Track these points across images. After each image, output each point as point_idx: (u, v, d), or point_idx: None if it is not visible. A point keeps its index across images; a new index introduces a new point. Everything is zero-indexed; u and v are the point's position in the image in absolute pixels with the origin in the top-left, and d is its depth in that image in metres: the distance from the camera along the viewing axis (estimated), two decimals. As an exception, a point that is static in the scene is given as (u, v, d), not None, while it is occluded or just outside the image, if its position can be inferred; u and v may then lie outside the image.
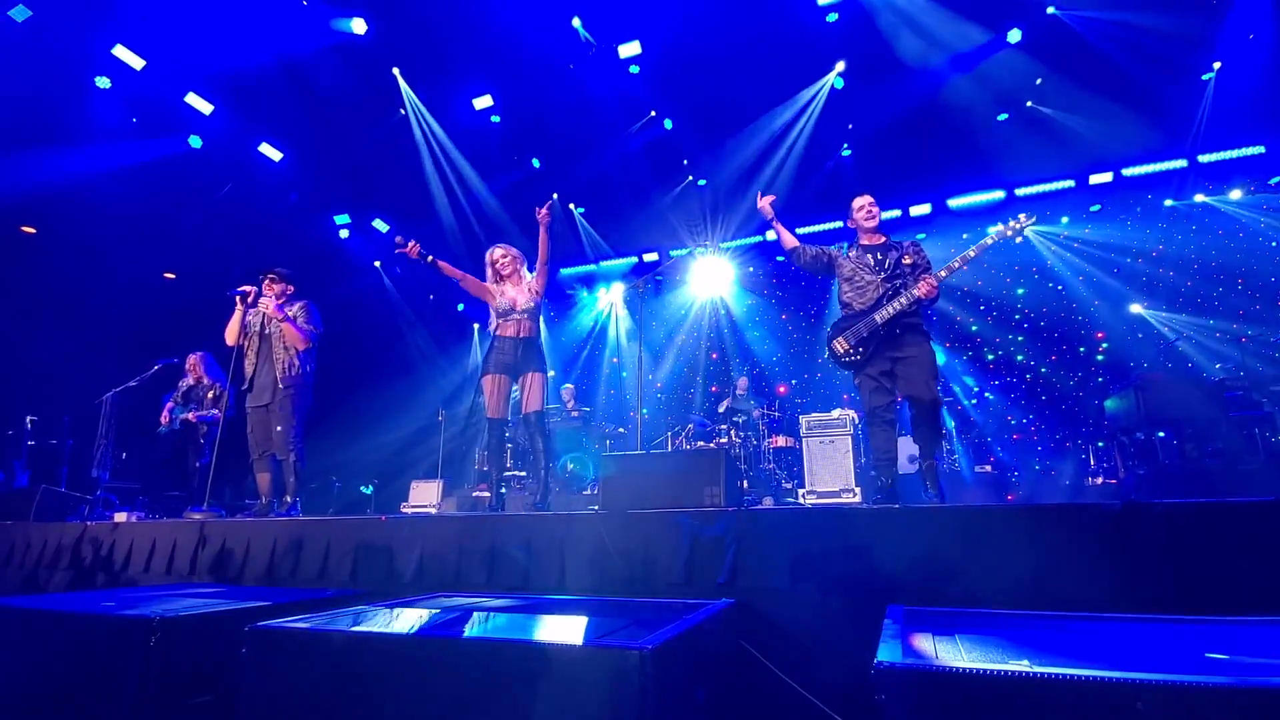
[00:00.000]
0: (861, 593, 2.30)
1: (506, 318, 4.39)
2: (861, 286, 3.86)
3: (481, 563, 2.99)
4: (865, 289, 3.84)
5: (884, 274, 3.82)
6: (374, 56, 7.95)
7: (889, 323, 3.70)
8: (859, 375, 3.84)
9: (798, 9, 7.35)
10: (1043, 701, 1.10)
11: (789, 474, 7.66)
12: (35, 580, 4.24)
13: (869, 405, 3.75)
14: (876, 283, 3.81)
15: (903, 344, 3.70)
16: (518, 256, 4.58)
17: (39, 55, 6.65)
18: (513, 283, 4.47)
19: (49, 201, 7.22)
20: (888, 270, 3.82)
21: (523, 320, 4.37)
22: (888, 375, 3.73)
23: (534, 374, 4.30)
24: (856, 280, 3.90)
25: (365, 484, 9.84)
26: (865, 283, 3.86)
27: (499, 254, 4.55)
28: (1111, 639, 1.57)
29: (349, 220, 10.36)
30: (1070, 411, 9.03)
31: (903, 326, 3.71)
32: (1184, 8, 7.13)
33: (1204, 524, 2.08)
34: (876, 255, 3.90)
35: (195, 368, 6.21)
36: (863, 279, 3.88)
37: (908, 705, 1.19)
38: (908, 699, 1.19)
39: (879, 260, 3.87)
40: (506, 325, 4.37)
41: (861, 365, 3.79)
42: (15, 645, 2.19)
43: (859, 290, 3.87)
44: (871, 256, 3.90)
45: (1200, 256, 8.80)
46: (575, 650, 1.50)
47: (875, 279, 3.83)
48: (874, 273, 3.85)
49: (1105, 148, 8.66)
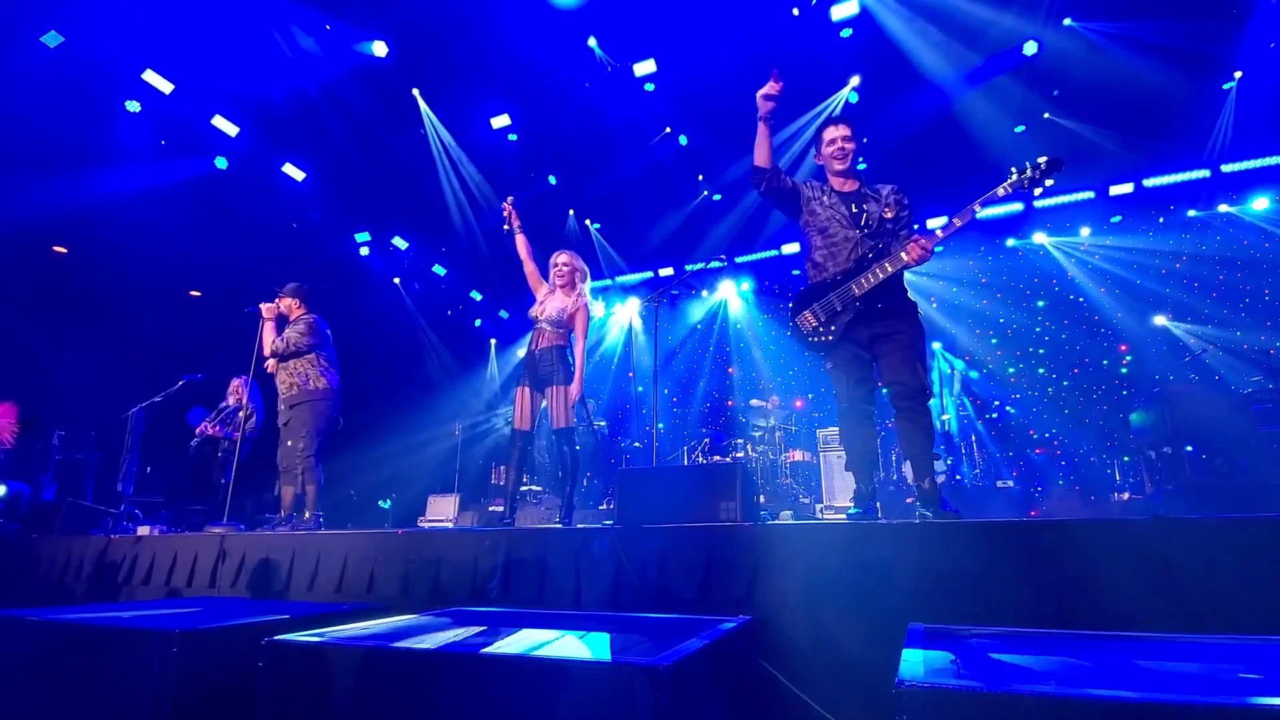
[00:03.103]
0: (881, 610, 2.26)
1: (535, 326, 4.36)
2: (836, 244, 3.13)
3: (497, 578, 2.98)
4: (840, 248, 3.12)
5: (862, 231, 3.10)
6: (395, 78, 8.11)
7: (868, 295, 3.01)
8: (830, 359, 3.17)
9: (811, 25, 7.40)
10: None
11: (806, 489, 7.59)
12: (60, 592, 4.30)
13: (845, 396, 3.10)
14: (855, 239, 3.10)
15: (885, 319, 3.03)
16: (577, 270, 4.42)
17: (71, 80, 6.86)
18: (564, 293, 4.35)
19: (80, 222, 7.41)
20: (868, 227, 3.10)
21: (546, 331, 4.28)
22: (866, 358, 3.09)
23: (559, 387, 4.17)
24: (831, 233, 3.16)
25: (383, 498, 9.90)
26: (841, 239, 3.13)
27: (562, 260, 4.44)
28: (1141, 659, 1.53)
29: (369, 238, 10.53)
30: (1094, 425, 8.86)
31: (884, 298, 3.03)
32: (1202, 18, 7.07)
33: (1236, 539, 2.02)
34: (852, 206, 3.17)
35: (237, 390, 6.31)
36: (838, 233, 3.14)
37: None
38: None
39: (854, 213, 3.14)
40: (535, 334, 4.34)
41: (833, 346, 3.12)
42: (38, 656, 2.22)
43: (833, 248, 3.14)
44: (847, 207, 3.17)
45: (1225, 267, 8.65)
46: (591, 667, 1.49)
47: (853, 234, 3.11)
48: (850, 226, 3.13)
49: (1125, 158, 8.57)
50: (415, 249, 11.02)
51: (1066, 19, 7.33)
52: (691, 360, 11.92)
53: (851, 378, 3.11)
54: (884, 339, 3.02)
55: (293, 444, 4.63)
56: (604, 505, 7.55)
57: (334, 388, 4.83)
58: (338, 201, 9.69)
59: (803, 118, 8.90)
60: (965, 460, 7.38)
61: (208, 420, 6.24)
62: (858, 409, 3.12)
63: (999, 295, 9.76)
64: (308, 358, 4.76)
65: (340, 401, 4.90)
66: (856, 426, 3.14)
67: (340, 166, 9.14)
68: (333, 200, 9.64)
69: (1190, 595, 2.00)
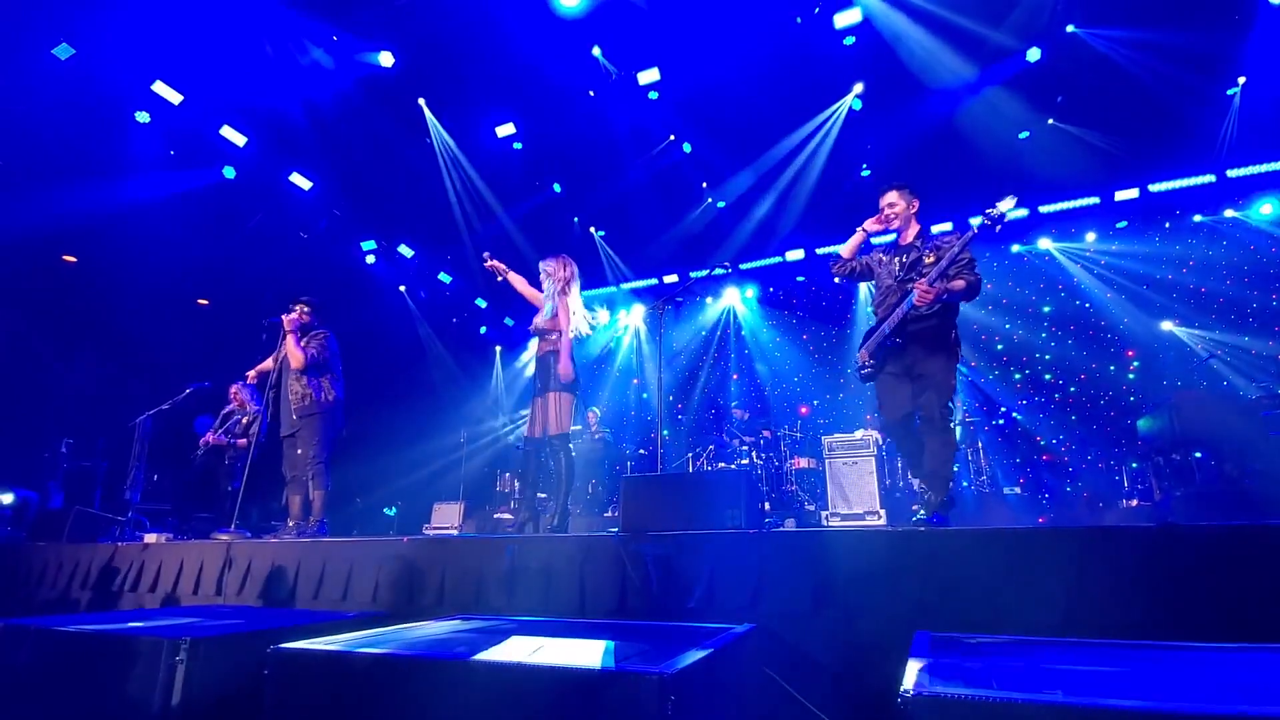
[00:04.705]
0: (887, 618, 2.25)
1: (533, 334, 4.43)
2: (883, 293, 3.67)
3: (502, 585, 2.98)
4: (885, 296, 3.63)
5: (897, 278, 3.57)
6: (400, 87, 8.17)
7: (897, 330, 3.44)
8: (876, 386, 3.68)
9: (815, 33, 7.42)
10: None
11: (811, 496, 7.56)
12: (67, 600, 4.32)
13: (884, 417, 3.58)
14: (894, 287, 3.58)
15: (915, 355, 3.43)
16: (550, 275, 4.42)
17: (82, 91, 6.94)
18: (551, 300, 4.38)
19: (89, 231, 7.48)
20: (902, 273, 3.56)
21: (539, 340, 4.37)
22: (905, 384, 3.48)
23: (550, 394, 4.23)
24: (881, 285, 3.71)
25: (388, 506, 9.91)
26: (884, 289, 3.65)
27: (542, 265, 4.50)
28: (1150, 668, 1.52)
29: (375, 246, 10.58)
30: (1102, 431, 8.81)
31: (912, 335, 3.42)
32: (1205, 24, 7.05)
33: (1247, 547, 2.00)
34: (901, 258, 3.64)
35: (237, 395, 6.35)
36: (885, 284, 3.67)
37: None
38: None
39: (902, 264, 3.61)
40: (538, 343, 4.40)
41: (873, 376, 3.64)
42: (44, 664, 2.23)
43: (881, 296, 3.68)
44: (899, 259, 3.65)
45: (1232, 272, 8.60)
46: (596, 674, 1.48)
47: (893, 283, 3.60)
48: (893, 277, 3.61)
49: (1130, 164, 8.55)
50: (421, 257, 11.07)
51: (1070, 25, 7.33)
52: (697, 367, 11.92)
53: (891, 402, 3.54)
54: (919, 377, 3.43)
55: (303, 452, 4.66)
56: (609, 512, 7.54)
57: (342, 400, 4.93)
58: (344, 210, 9.76)
59: (806, 126, 8.92)
60: (971, 467, 7.34)
61: (211, 430, 6.27)
62: (899, 426, 3.55)
63: (1004, 301, 9.73)
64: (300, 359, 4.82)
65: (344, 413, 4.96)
66: (901, 443, 3.64)
67: (347, 175, 9.20)
68: (339, 209, 9.71)
69: (1200, 603, 1.98)
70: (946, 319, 3.45)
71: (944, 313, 3.42)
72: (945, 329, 3.44)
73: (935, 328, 3.41)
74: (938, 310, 3.37)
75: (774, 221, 10.18)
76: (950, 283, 3.33)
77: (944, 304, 3.38)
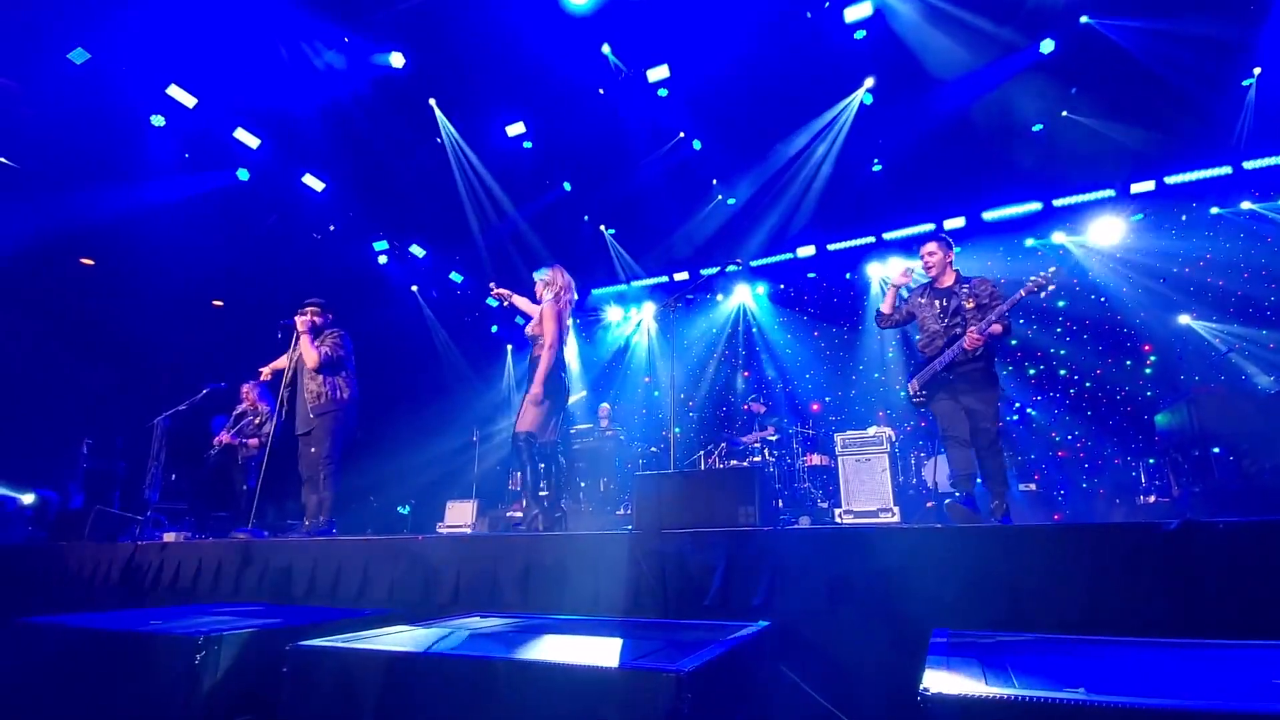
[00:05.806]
0: (904, 616, 2.24)
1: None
2: (930, 335, 4.19)
3: (516, 583, 3.00)
4: (932, 338, 4.17)
5: (944, 322, 4.12)
6: (411, 88, 8.21)
7: (948, 368, 4.03)
8: (931, 411, 4.27)
9: (825, 27, 7.38)
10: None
11: (825, 493, 7.53)
12: (88, 598, 4.38)
13: (948, 434, 4.08)
14: (940, 331, 4.13)
15: (966, 389, 4.01)
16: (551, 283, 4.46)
17: (98, 96, 7.02)
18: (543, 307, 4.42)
19: (106, 234, 7.58)
20: (953, 317, 4.10)
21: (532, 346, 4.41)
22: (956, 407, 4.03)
23: (524, 395, 4.26)
24: (925, 328, 4.24)
25: (402, 504, 9.97)
26: (931, 332, 4.19)
27: (537, 275, 4.54)
28: (1170, 665, 1.50)
29: (387, 246, 10.64)
30: (1118, 427, 8.71)
31: (962, 373, 4.01)
32: (1220, 15, 6.95)
33: (1268, 542, 1.98)
34: (940, 301, 4.18)
35: (248, 395, 6.41)
36: (929, 328, 4.21)
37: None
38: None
39: (942, 308, 4.15)
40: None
41: (926, 403, 4.25)
42: (68, 662, 2.27)
43: (928, 338, 4.20)
44: (938, 302, 4.18)
45: (1250, 265, 8.46)
46: (612, 672, 1.49)
47: (939, 328, 4.14)
48: (937, 321, 4.16)
49: (1146, 156, 8.43)
50: (432, 256, 11.13)
51: (1084, 16, 7.24)
52: (708, 364, 11.89)
53: (951, 423, 4.06)
54: (972, 411, 3.99)
55: (315, 450, 4.69)
56: (621, 510, 7.55)
57: (356, 398, 4.95)
58: (356, 211, 9.83)
59: (817, 121, 8.87)
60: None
61: (225, 430, 6.34)
62: (948, 438, 4.08)
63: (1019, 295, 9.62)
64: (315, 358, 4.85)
65: (358, 411, 4.99)
66: (949, 453, 4.10)
67: (359, 176, 9.26)
68: (352, 210, 9.77)
69: (1221, 600, 1.96)
70: (989, 358, 4.07)
71: (987, 354, 4.04)
72: (989, 366, 4.07)
73: (983, 368, 4.04)
74: (983, 354, 4.00)
75: (785, 218, 10.14)
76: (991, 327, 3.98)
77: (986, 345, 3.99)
